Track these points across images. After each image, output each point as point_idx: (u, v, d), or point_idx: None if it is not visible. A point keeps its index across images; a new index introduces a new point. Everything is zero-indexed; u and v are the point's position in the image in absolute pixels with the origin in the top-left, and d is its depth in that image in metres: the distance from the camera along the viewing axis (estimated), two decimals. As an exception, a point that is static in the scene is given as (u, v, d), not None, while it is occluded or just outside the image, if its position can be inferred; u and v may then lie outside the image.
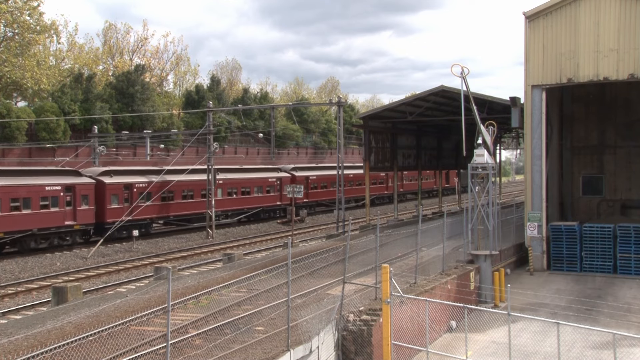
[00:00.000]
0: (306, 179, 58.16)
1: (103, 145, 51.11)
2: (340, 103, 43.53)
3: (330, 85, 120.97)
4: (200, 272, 26.30)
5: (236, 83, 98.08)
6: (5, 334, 14.98)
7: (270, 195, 53.08)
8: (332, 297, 17.62)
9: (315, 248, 30.27)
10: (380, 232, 20.01)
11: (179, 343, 13.91)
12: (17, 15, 58.23)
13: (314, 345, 14.62)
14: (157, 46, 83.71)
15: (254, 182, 51.75)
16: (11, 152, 51.69)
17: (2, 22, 57.87)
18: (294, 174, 57.30)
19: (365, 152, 41.71)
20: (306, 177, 58.40)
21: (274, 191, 53.51)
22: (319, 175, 60.47)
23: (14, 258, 32.02)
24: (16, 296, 24.59)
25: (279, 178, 54.55)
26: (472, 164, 23.81)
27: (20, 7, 58.35)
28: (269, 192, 53.08)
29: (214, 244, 39.80)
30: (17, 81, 59.98)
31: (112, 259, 33.40)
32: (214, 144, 44.80)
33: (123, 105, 62.30)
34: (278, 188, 54.04)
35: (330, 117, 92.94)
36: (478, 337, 16.94)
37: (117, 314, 16.49)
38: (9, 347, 13.41)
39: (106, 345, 13.53)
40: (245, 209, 50.73)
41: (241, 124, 67.94)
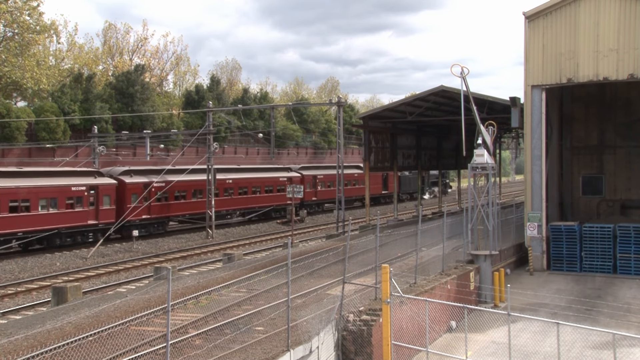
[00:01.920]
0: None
1: (103, 145, 51.11)
2: (340, 103, 43.54)
3: (330, 85, 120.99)
4: (200, 272, 26.30)
5: (236, 83, 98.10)
6: (5, 334, 14.98)
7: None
8: (332, 297, 17.62)
9: (315, 248, 30.27)
10: (380, 232, 20.01)
11: (178, 343, 13.91)
12: (17, 15, 58.21)
13: (314, 346, 14.62)
14: (157, 46, 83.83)
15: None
16: (11, 152, 51.68)
17: (2, 22, 57.84)
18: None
19: (365, 152, 41.70)
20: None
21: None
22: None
23: (14, 258, 32.02)
24: (16, 296, 24.59)
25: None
26: (472, 164, 23.82)
27: (20, 7, 58.33)
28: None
29: (214, 244, 39.79)
30: (16, 81, 59.95)
31: (112, 259, 33.39)
32: (214, 144, 44.80)
33: (123, 105, 62.30)
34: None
35: (330, 117, 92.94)
36: (478, 337, 16.95)
37: (117, 314, 16.49)
38: (9, 347, 13.41)
39: (106, 346, 13.52)
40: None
41: (241, 124, 67.93)
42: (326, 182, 59.94)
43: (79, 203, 36.68)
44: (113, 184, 39.32)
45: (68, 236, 36.25)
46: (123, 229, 39.17)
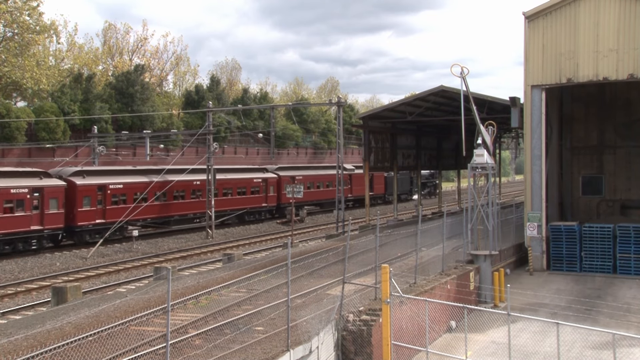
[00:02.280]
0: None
1: (103, 145, 51.11)
2: (340, 103, 43.54)
3: (330, 85, 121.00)
4: (200, 272, 26.30)
5: (236, 83, 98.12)
6: (5, 334, 14.98)
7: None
8: (332, 297, 17.63)
9: (314, 248, 30.28)
10: (379, 232, 20.02)
11: (178, 343, 13.92)
12: (17, 15, 58.22)
13: (314, 346, 14.63)
14: (156, 46, 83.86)
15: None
16: (11, 152, 51.67)
17: (2, 22, 57.86)
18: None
19: (364, 152, 41.72)
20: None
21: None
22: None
23: (14, 258, 32.01)
24: (16, 296, 24.59)
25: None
26: (472, 164, 23.83)
27: (19, 7, 58.33)
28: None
29: (214, 244, 39.79)
30: (16, 81, 59.95)
31: (111, 259, 33.40)
32: (214, 144, 44.80)
33: (123, 106, 62.31)
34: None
35: (330, 117, 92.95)
36: (478, 337, 16.95)
37: (116, 314, 16.49)
38: (9, 347, 13.41)
39: (106, 346, 13.53)
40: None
41: (241, 124, 67.93)
42: (305, 183, 55.55)
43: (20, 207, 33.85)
44: (61, 185, 36.57)
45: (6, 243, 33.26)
46: (74, 235, 37.40)
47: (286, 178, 54.18)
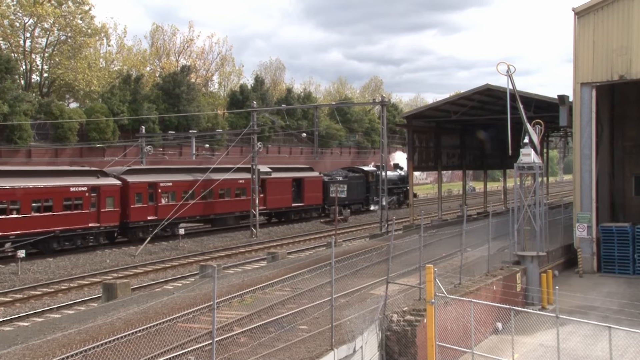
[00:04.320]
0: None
1: (150, 145, 52.12)
2: (383, 102, 43.36)
3: (374, 84, 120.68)
4: (245, 271, 26.56)
5: (280, 83, 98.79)
6: (60, 328, 15.47)
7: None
8: (376, 297, 17.58)
9: (358, 248, 30.22)
10: (424, 232, 19.88)
11: (224, 340, 14.09)
12: (70, 20, 60.03)
13: (358, 345, 14.61)
14: (202, 47, 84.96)
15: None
16: (64, 152, 53.27)
17: (56, 26, 59.72)
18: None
19: (408, 152, 41.45)
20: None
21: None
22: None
23: (67, 255, 32.93)
24: (69, 292, 25.31)
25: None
26: (519, 164, 23.43)
27: (72, 12, 60.14)
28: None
29: (258, 242, 40.13)
30: (69, 83, 61.86)
31: (159, 257, 34.02)
32: (258, 143, 45.18)
33: (169, 106, 63.45)
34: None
35: (373, 117, 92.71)
36: (525, 339, 16.66)
37: (164, 310, 16.79)
38: (63, 341, 13.83)
39: (154, 341, 13.80)
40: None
41: (285, 124, 68.36)
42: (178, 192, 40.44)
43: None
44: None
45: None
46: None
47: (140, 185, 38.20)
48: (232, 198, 44.82)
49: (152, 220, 38.69)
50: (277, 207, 49.00)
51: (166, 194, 40.32)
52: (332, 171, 57.72)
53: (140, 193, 38.52)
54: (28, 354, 12.98)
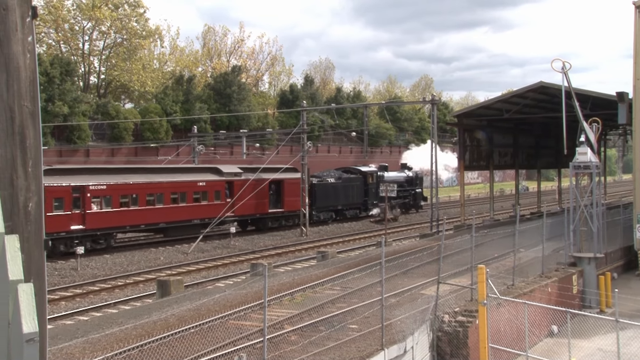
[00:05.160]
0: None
1: (202, 145, 52.99)
2: (433, 101, 42.94)
3: (424, 83, 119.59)
4: (295, 270, 26.74)
5: (329, 82, 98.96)
6: (117, 323, 15.94)
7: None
8: (427, 297, 17.45)
9: (408, 247, 30.02)
10: (475, 232, 19.62)
11: (275, 338, 14.23)
12: (126, 22, 61.69)
13: (409, 345, 14.55)
14: (253, 47, 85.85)
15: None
16: (119, 152, 54.73)
17: (113, 29, 61.49)
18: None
19: (459, 151, 40.96)
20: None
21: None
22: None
23: (123, 252, 33.83)
24: (125, 288, 25.99)
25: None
26: (574, 163, 22.86)
27: (128, 15, 61.79)
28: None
29: (308, 241, 40.32)
30: (124, 84, 63.54)
31: (210, 255, 34.58)
32: (308, 142, 45.39)
33: (220, 106, 64.39)
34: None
35: (423, 116, 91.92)
36: (582, 343, 16.25)
37: (216, 308, 17.08)
38: (120, 335, 14.25)
39: (207, 338, 14.06)
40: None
41: (334, 123, 68.46)
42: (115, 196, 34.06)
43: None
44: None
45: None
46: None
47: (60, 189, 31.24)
48: (189, 203, 37.61)
49: (77, 230, 31.94)
50: (250, 214, 41.64)
51: (98, 199, 33.44)
52: (323, 172, 49.93)
53: (61, 198, 31.47)
54: (88, 347, 13.42)
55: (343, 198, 47.70)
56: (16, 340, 1.28)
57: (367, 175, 51.47)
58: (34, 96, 3.59)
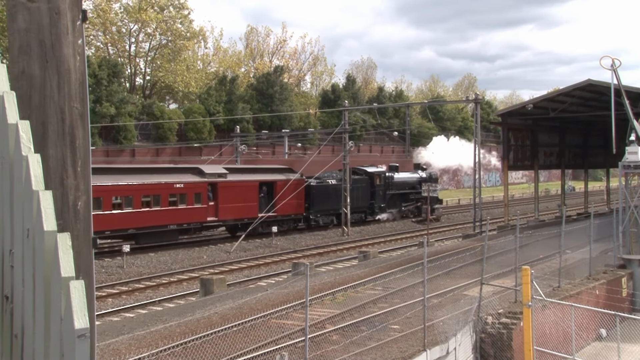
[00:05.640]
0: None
1: (244, 144, 53.48)
2: (477, 100, 42.40)
3: (467, 82, 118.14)
4: (336, 269, 26.77)
5: (371, 82, 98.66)
6: (161, 320, 16.23)
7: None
8: (469, 298, 17.25)
9: (451, 248, 29.72)
10: (519, 233, 19.30)
11: (316, 337, 14.27)
12: (171, 24, 62.78)
13: (451, 347, 14.41)
14: (295, 47, 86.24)
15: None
16: (164, 152, 55.69)
17: (158, 31, 62.68)
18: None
19: (503, 151, 40.36)
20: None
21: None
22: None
23: (167, 250, 34.38)
24: (169, 286, 26.43)
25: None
26: (624, 163, 22.26)
27: (173, 16, 62.89)
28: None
29: (349, 241, 40.27)
30: (169, 85, 64.62)
31: (252, 254, 34.86)
32: (350, 142, 45.34)
33: (263, 106, 64.88)
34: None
35: (466, 115, 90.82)
36: (633, 348, 15.82)
37: (258, 306, 17.22)
38: (165, 333, 14.51)
39: (249, 336, 14.20)
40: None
41: (376, 123, 68.23)
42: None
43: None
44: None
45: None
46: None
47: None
48: (164, 207, 34.16)
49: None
50: (236, 218, 37.47)
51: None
52: (323, 173, 45.76)
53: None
54: (134, 344, 13.70)
55: (360, 199, 44.72)
56: (68, 336, 1.31)
57: (373, 176, 47.06)
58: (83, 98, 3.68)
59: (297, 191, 40.11)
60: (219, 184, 36.36)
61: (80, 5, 3.61)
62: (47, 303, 1.46)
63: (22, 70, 3.44)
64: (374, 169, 49.04)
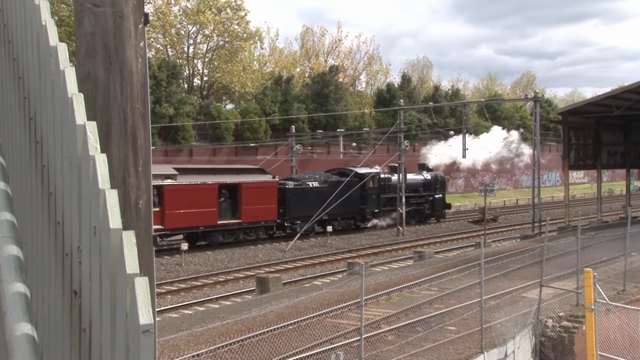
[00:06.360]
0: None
1: (300, 144, 53.77)
2: (536, 98, 41.38)
3: (526, 80, 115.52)
4: (391, 269, 26.64)
5: (427, 81, 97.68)
6: (218, 317, 16.51)
7: None
8: (528, 300, 16.89)
9: (508, 248, 29.13)
10: (581, 234, 18.75)
11: (371, 337, 14.24)
12: (228, 25, 63.81)
13: (509, 350, 14.12)
14: (350, 47, 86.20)
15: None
16: (220, 151, 56.62)
17: (215, 32, 63.84)
18: None
19: (564, 150, 39.30)
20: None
21: None
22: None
23: (224, 249, 34.93)
24: (226, 284, 26.84)
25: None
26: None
27: (230, 18, 63.90)
28: None
29: (405, 241, 39.98)
30: (226, 85, 65.67)
31: (307, 253, 35.02)
32: (405, 141, 45.01)
33: (318, 106, 65.12)
34: None
35: (525, 114, 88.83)
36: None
37: (313, 305, 17.31)
38: (222, 330, 14.75)
39: (304, 335, 14.28)
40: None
41: (432, 122, 67.52)
42: None
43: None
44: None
45: None
46: None
47: None
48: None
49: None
50: (188, 227, 32.74)
51: None
52: (304, 174, 42.51)
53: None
54: (192, 340, 13.98)
55: (330, 206, 37.55)
56: (133, 331, 1.34)
57: (365, 178, 41.92)
58: (144, 99, 3.78)
59: (268, 195, 35.45)
60: (165, 187, 31.35)
61: (142, 9, 3.71)
62: (113, 299, 1.50)
63: (87, 73, 3.56)
64: (366, 169, 43.90)
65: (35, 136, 2.48)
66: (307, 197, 37.92)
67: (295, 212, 37.35)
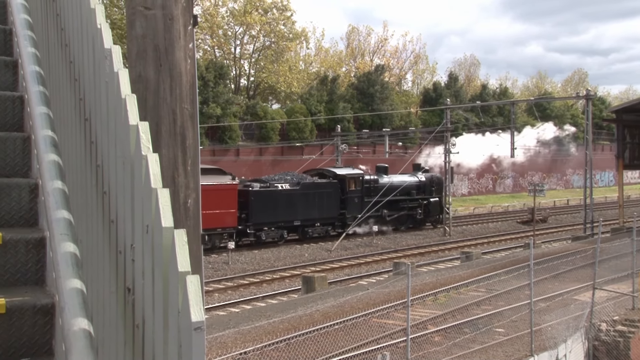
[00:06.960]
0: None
1: (345, 144, 53.74)
2: (588, 96, 40.35)
3: (577, 77, 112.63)
4: (438, 270, 26.38)
5: (474, 79, 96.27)
6: (265, 316, 16.65)
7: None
8: (580, 303, 16.48)
9: (559, 250, 28.49)
10: (637, 236, 18.17)
11: (418, 338, 14.13)
12: (274, 26, 64.34)
13: (561, 353, 13.80)
14: (396, 46, 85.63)
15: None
16: (267, 151, 57.09)
17: (262, 33, 64.46)
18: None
19: (618, 149, 38.20)
20: None
21: None
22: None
23: (270, 248, 35.20)
24: (272, 282, 27.03)
25: None
26: None
27: (276, 18, 64.42)
28: None
29: (451, 241, 39.52)
30: (272, 85, 66.19)
31: (353, 253, 34.98)
32: (452, 140, 44.50)
33: (363, 105, 64.95)
34: None
35: (576, 112, 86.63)
36: None
37: (359, 305, 17.28)
38: (268, 328, 14.88)
39: (350, 335, 14.27)
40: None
41: (479, 121, 66.54)
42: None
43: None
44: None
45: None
46: None
47: None
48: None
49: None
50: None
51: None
52: (275, 175, 39.31)
53: None
54: (239, 338, 14.14)
55: (303, 210, 35.00)
56: (185, 328, 1.36)
57: (345, 180, 38.07)
58: (193, 99, 3.83)
59: (225, 198, 31.64)
60: None
61: (191, 11, 3.77)
62: (165, 296, 1.52)
63: (138, 74, 3.63)
64: (347, 170, 40.13)
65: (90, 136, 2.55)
66: (275, 200, 34.07)
67: (260, 218, 33.71)
